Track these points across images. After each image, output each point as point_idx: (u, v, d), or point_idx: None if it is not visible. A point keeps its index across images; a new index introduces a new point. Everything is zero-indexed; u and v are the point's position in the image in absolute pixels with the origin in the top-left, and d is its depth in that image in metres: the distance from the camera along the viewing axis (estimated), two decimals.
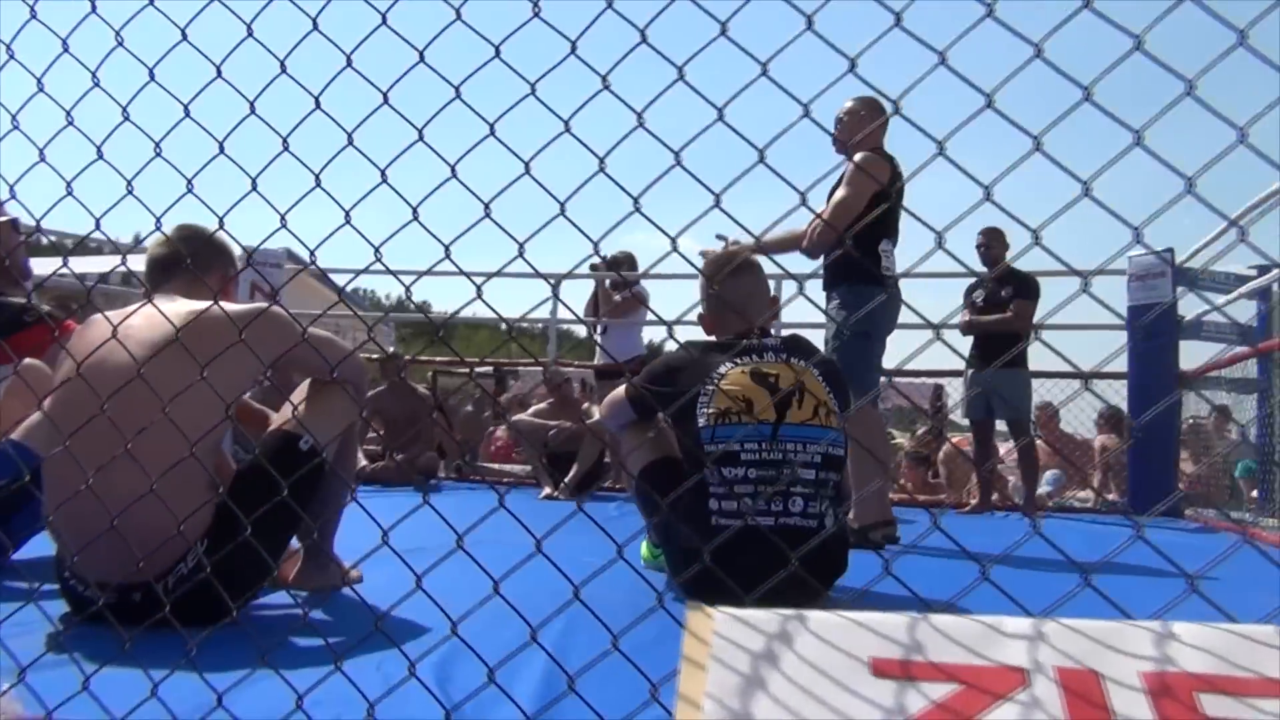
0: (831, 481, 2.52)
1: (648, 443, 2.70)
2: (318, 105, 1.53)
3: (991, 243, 6.01)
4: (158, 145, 1.68)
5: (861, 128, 4.09)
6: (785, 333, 2.79)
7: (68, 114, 1.80)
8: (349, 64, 1.53)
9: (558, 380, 6.93)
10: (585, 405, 6.97)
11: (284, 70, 1.57)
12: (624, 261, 7.37)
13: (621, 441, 2.89)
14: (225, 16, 1.67)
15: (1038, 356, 6.19)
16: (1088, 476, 6.96)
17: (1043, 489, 7.15)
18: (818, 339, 3.40)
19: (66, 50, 1.81)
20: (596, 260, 7.51)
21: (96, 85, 1.78)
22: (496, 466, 7.83)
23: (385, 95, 1.49)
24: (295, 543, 2.67)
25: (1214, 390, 6.27)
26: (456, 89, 1.44)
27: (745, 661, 0.95)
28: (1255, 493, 6.02)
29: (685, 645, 0.97)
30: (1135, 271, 6.19)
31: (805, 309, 12.49)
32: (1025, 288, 5.94)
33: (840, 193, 3.92)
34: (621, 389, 2.81)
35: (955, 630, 0.93)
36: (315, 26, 1.59)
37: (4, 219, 2.82)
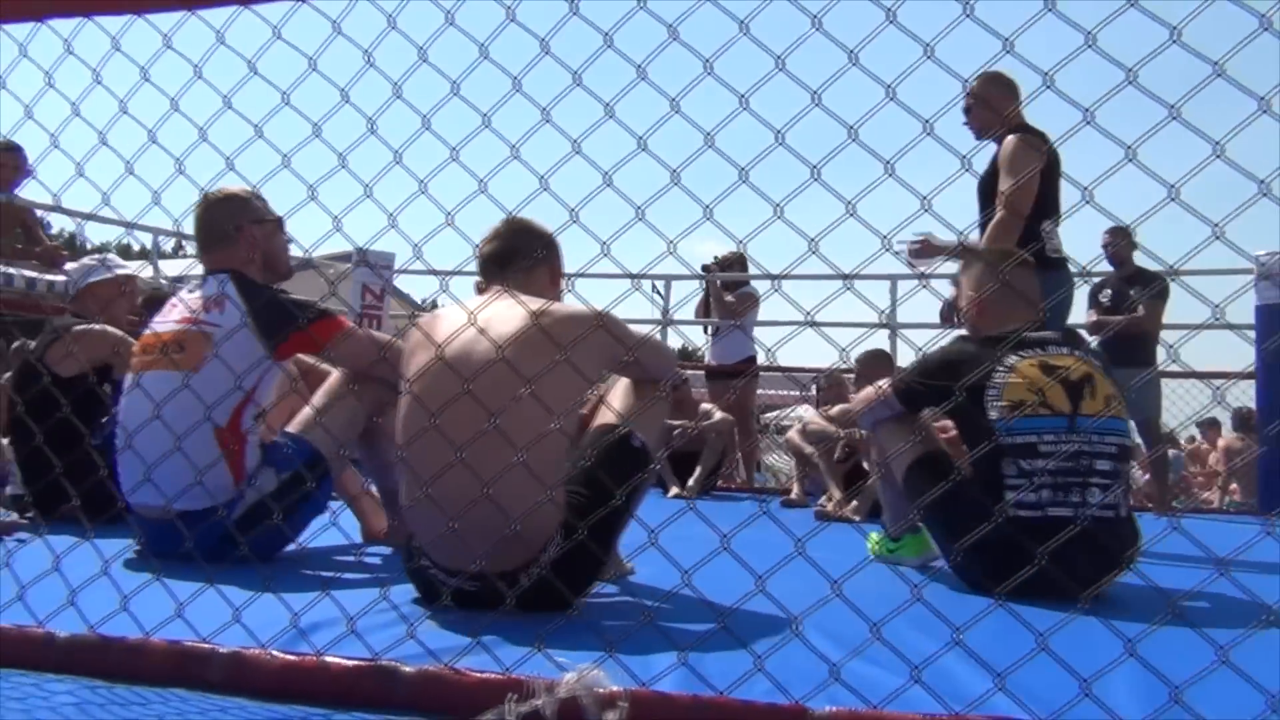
0: (1124, 472, 2.55)
1: (911, 437, 2.74)
2: (426, 126, 1.76)
3: (1117, 241, 6.00)
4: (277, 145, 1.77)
5: (998, 106, 3.90)
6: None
7: (201, 130, 1.91)
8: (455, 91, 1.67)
9: (676, 381, 6.92)
10: (703, 406, 6.94)
11: (399, 95, 1.78)
12: (735, 262, 7.37)
13: (878, 437, 2.91)
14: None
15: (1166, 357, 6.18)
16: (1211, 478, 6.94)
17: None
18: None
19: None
20: (709, 261, 7.62)
21: (229, 108, 1.90)
22: None
23: (486, 118, 1.54)
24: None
25: None
26: (545, 112, 1.69)
27: None
28: None
29: None
30: (1264, 271, 6.18)
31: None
32: (1154, 287, 5.92)
33: (1007, 180, 3.70)
34: (882, 384, 2.84)
35: None
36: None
37: (271, 218, 2.87)
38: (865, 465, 5.32)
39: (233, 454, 2.63)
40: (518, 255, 2.40)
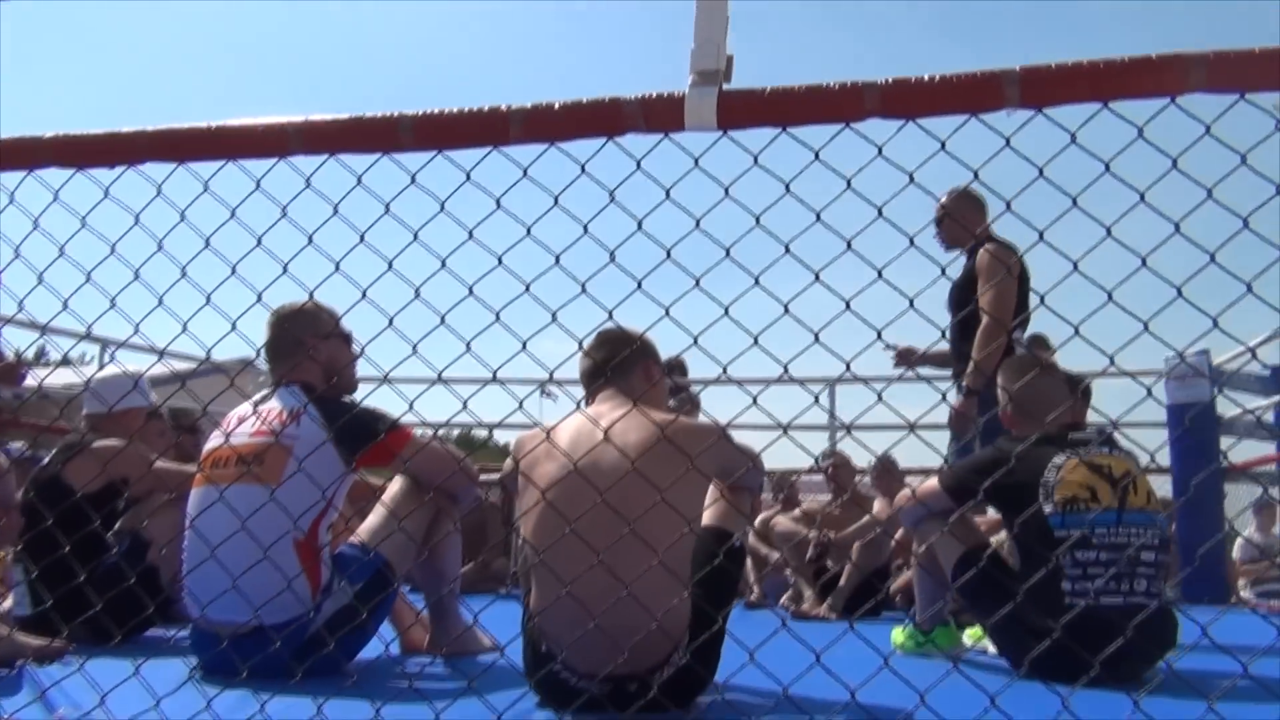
0: (1165, 563, 2.76)
1: (958, 534, 2.91)
2: (443, 266, 1.84)
3: (1032, 348, 6.42)
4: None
5: (966, 219, 4.18)
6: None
7: (232, 268, 2.00)
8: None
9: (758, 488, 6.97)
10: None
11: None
12: (676, 367, 7.52)
13: (922, 533, 3.07)
14: None
15: None
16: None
17: None
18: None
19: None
20: None
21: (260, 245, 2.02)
22: None
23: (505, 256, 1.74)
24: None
25: (1254, 485, 6.76)
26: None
27: None
28: None
29: None
30: (1174, 372, 6.69)
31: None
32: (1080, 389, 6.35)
33: (988, 291, 3.95)
34: (931, 483, 3.01)
35: None
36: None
37: (338, 333, 2.92)
38: (829, 564, 5.50)
39: (311, 566, 2.63)
40: (612, 362, 2.53)
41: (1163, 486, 6.96)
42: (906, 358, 4.48)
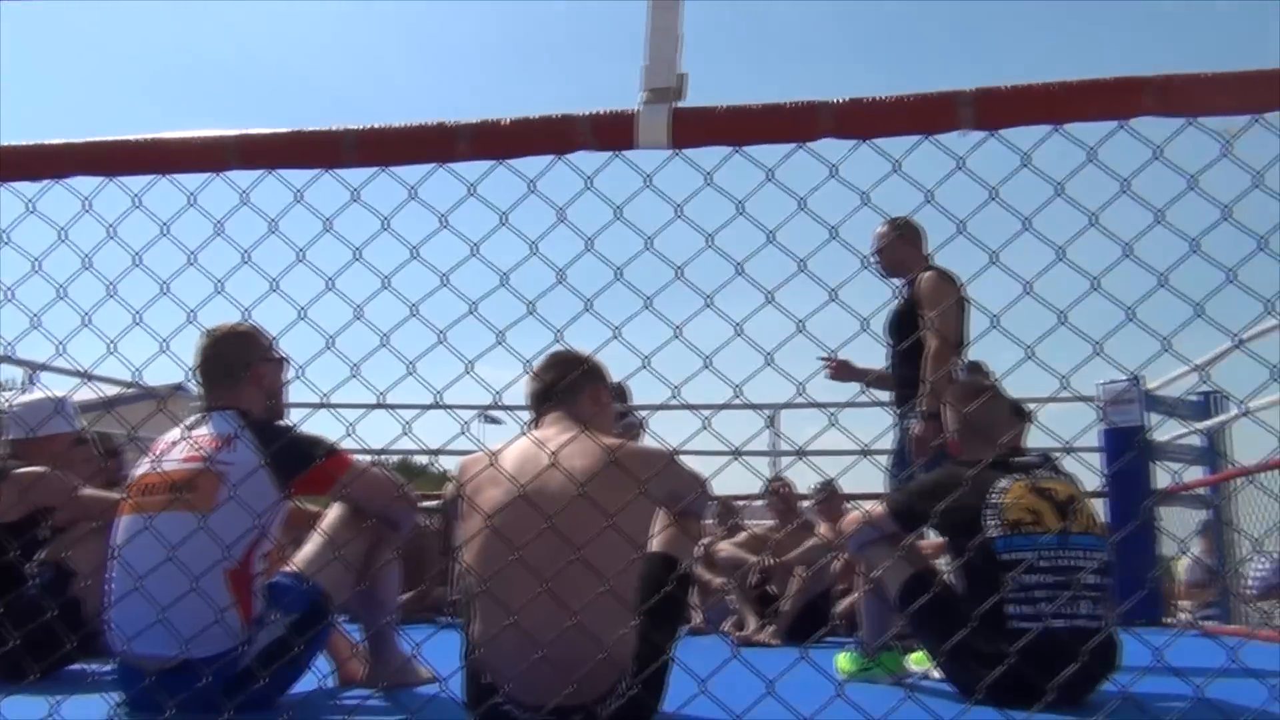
0: (1108, 585, 2.78)
1: (903, 558, 2.91)
2: (386, 285, 1.82)
3: (974, 376, 6.51)
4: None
5: (906, 248, 4.22)
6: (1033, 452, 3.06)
7: (163, 286, 1.96)
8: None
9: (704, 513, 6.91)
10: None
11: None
12: (617, 392, 7.50)
13: (868, 558, 3.06)
14: None
15: None
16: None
17: None
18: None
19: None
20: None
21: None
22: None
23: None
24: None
25: (1185, 506, 6.89)
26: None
27: None
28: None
29: None
30: (1107, 398, 6.81)
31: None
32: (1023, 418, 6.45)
33: (935, 314, 3.91)
34: (872, 508, 3.01)
35: None
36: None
37: (277, 357, 2.84)
38: (772, 589, 5.49)
39: (243, 597, 2.53)
40: (560, 384, 2.49)
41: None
42: (842, 371, 4.49)
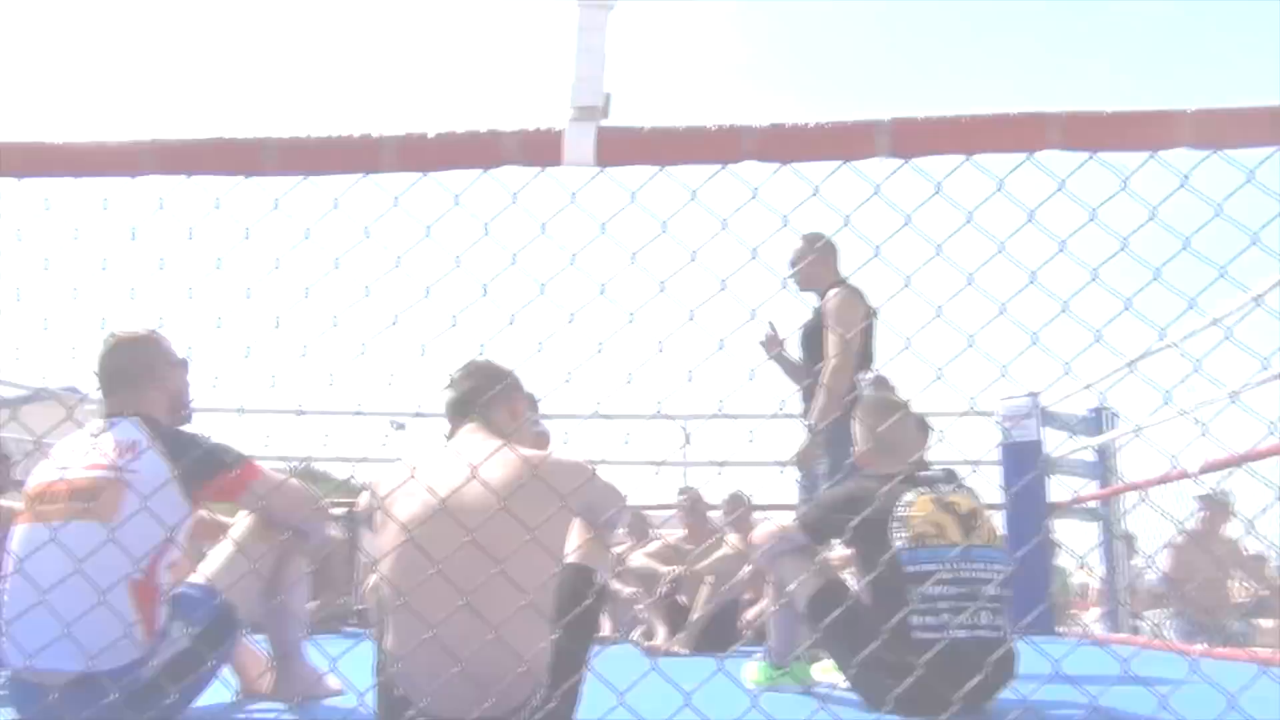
0: (1007, 597, 2.88)
1: (812, 569, 2.97)
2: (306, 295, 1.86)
3: (880, 389, 6.67)
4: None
5: (819, 264, 4.30)
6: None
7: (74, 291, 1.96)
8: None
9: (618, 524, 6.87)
10: None
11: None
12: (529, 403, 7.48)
13: (778, 570, 3.11)
14: None
15: None
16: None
17: None
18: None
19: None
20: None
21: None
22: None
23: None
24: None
25: (1077, 519, 7.15)
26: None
27: None
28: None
29: None
30: (1006, 414, 7.03)
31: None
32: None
33: (833, 336, 4.04)
34: (788, 519, 3.07)
35: None
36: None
37: (181, 358, 2.78)
38: (681, 598, 5.54)
39: (148, 608, 2.47)
40: (477, 395, 2.47)
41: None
42: (773, 346, 4.54)
